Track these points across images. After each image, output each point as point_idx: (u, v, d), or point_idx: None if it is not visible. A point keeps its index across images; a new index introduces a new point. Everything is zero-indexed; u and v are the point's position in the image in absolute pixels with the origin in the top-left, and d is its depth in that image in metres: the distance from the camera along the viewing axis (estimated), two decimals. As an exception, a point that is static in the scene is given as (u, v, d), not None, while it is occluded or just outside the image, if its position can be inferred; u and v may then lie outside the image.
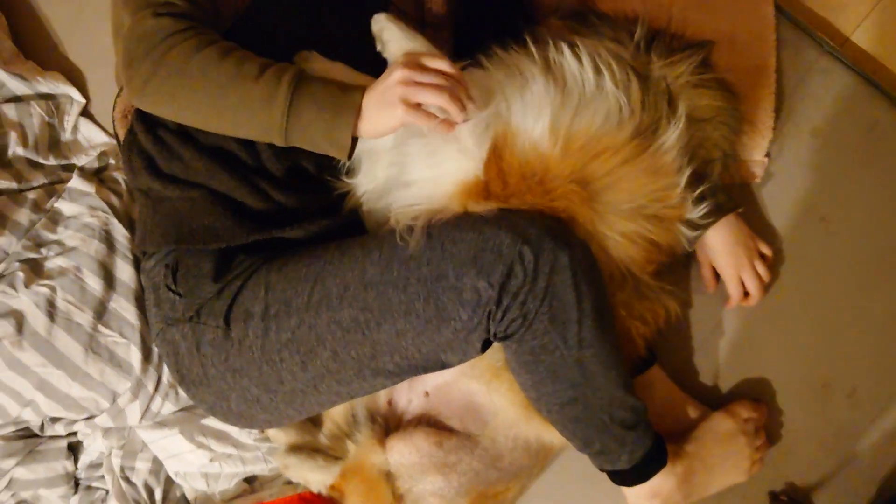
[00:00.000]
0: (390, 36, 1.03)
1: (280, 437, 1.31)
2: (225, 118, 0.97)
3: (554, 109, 1.00)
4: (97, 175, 1.37)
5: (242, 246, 1.05)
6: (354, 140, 0.97)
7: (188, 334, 1.04)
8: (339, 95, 0.95)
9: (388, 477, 1.20)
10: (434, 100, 0.93)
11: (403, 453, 1.18)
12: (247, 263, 1.05)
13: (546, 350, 0.98)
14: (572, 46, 1.04)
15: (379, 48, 1.05)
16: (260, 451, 1.32)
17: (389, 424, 1.24)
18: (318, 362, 1.00)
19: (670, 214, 1.07)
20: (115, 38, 1.03)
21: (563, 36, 1.09)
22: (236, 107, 0.95)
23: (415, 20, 1.20)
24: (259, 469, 1.33)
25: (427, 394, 1.21)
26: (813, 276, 1.27)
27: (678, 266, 1.26)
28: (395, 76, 0.94)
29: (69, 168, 1.37)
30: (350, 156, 0.98)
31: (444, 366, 1.03)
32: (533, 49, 1.06)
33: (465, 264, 0.95)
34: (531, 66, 1.04)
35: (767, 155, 1.27)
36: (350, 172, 1.09)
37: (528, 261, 0.94)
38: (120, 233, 1.29)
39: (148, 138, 1.08)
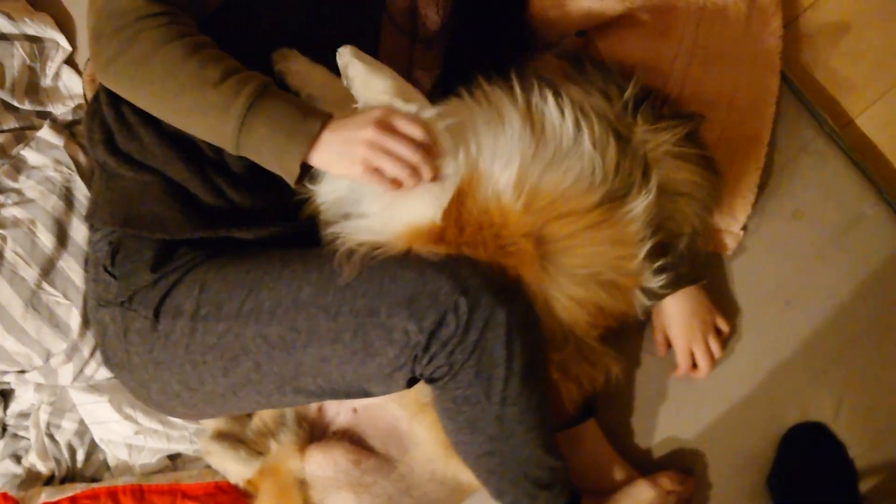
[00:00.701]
0: (355, 73, 0.97)
1: (209, 421, 1.30)
2: (180, 116, 0.94)
3: (524, 159, 0.97)
4: (69, 128, 1.34)
5: (188, 239, 1.03)
6: (305, 167, 0.94)
7: (118, 318, 1.03)
8: (298, 121, 0.92)
9: (302, 485, 1.19)
10: (395, 171, 0.91)
11: (321, 465, 1.17)
12: (188, 258, 1.03)
13: (468, 402, 0.97)
14: (557, 95, 1.01)
15: (345, 83, 0.99)
16: (187, 430, 1.32)
17: (315, 431, 1.24)
18: (240, 371, 0.99)
19: (626, 282, 1.04)
20: (90, 4, 1.00)
21: (552, 78, 1.05)
22: (191, 109, 0.93)
23: (408, 34, 1.16)
24: (184, 448, 1.33)
25: (355, 410, 1.20)
26: (767, 359, 1.24)
27: (634, 324, 1.23)
28: (363, 134, 0.91)
29: (44, 115, 1.35)
30: (299, 181, 0.95)
31: (367, 394, 1.02)
32: (517, 89, 1.02)
33: (399, 304, 0.93)
34: (511, 107, 1.01)
35: (744, 228, 1.24)
36: (312, 179, 1.06)
37: (462, 312, 0.92)
38: (81, 192, 1.26)
39: (111, 112, 1.06)
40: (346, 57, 0.97)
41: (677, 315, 1.18)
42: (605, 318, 1.06)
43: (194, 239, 1.03)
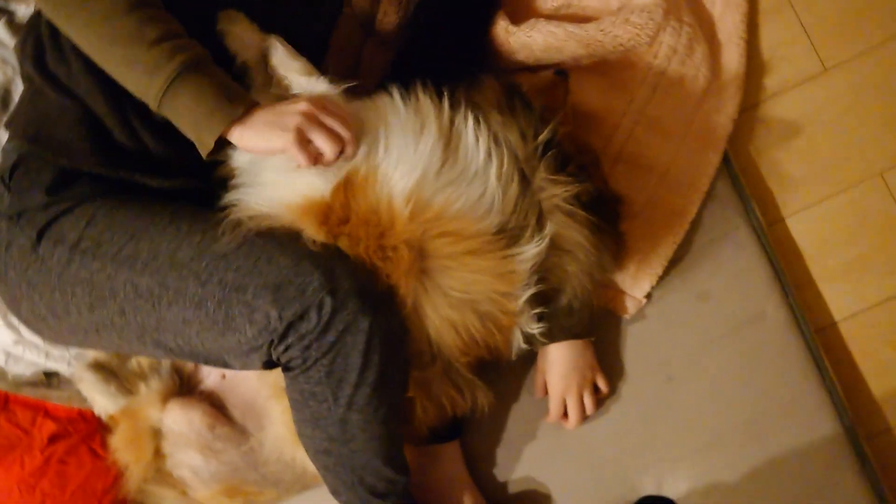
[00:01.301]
0: (276, 55, 1.02)
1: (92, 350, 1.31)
2: (107, 63, 0.95)
3: (427, 173, 0.98)
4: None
5: (90, 173, 1.03)
6: (220, 143, 0.96)
7: (3, 230, 1.03)
8: (222, 101, 0.94)
9: (156, 434, 1.21)
10: (326, 145, 0.95)
11: (177, 420, 1.19)
12: (86, 190, 1.03)
13: (315, 398, 0.98)
14: (477, 121, 1.01)
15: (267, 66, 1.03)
16: (68, 353, 1.33)
17: (184, 386, 1.25)
18: (105, 312, 1.00)
19: (504, 320, 1.05)
20: None
21: (481, 102, 1.05)
22: (120, 61, 0.94)
23: (364, 26, 1.16)
24: (61, 368, 1.34)
25: (224, 377, 1.21)
26: (637, 426, 1.26)
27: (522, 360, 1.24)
28: (299, 105, 0.95)
29: (4, 11, 1.34)
30: (210, 154, 0.97)
31: (226, 366, 1.03)
32: (445, 105, 1.03)
33: (266, 287, 0.93)
34: (433, 121, 1.01)
35: (648, 296, 1.25)
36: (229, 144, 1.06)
37: (325, 311, 0.93)
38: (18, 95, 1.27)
39: (48, 30, 1.05)
40: (270, 41, 0.99)
41: (558, 364, 1.19)
42: (478, 348, 1.06)
43: (96, 174, 1.03)
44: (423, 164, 0.98)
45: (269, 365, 0.99)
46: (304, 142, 0.94)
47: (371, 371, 0.96)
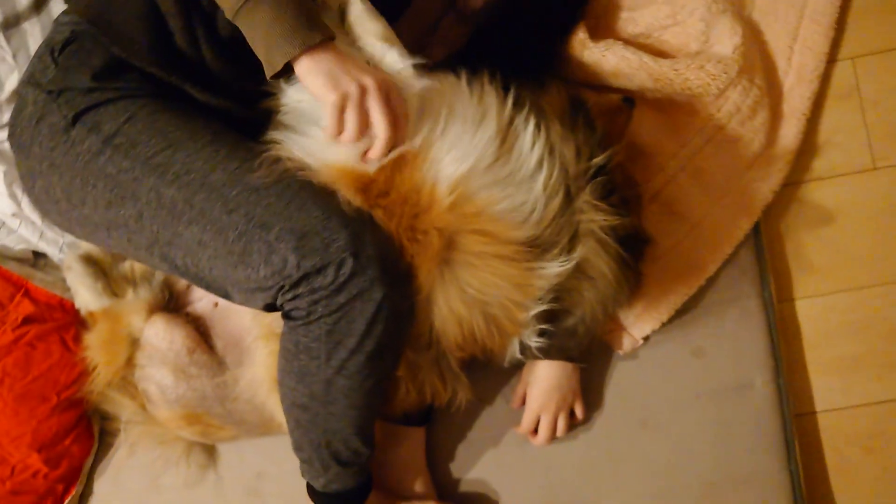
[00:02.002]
0: (354, 10, 1.00)
1: (86, 243, 1.29)
2: None
3: (477, 165, 0.97)
4: None
5: (142, 70, 1.00)
6: (288, 67, 0.93)
7: (39, 103, 1.00)
8: (303, 23, 0.90)
9: (133, 343, 1.19)
10: (353, 131, 0.92)
11: (158, 334, 1.17)
12: (133, 85, 1.00)
13: (308, 352, 0.97)
14: (538, 127, 1.00)
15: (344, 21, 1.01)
16: (63, 239, 1.30)
17: (172, 302, 1.23)
18: (122, 212, 0.98)
19: (508, 327, 1.05)
20: None
21: (544, 107, 1.04)
22: None
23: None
24: (51, 252, 1.32)
25: (216, 305, 1.20)
26: (601, 461, 1.26)
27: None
28: (364, 78, 0.91)
29: None
30: (275, 77, 0.94)
31: (227, 297, 1.01)
32: (509, 102, 1.02)
33: (292, 232, 0.92)
34: (494, 115, 1.00)
35: (646, 338, 1.25)
36: (289, 79, 1.04)
37: (343, 271, 0.92)
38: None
39: None
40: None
41: (543, 380, 1.19)
42: (474, 347, 1.06)
43: (148, 72, 1.00)
44: (475, 156, 0.97)
45: (271, 308, 0.98)
46: (340, 110, 0.91)
47: (370, 341, 0.95)
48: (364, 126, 0.92)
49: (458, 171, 0.97)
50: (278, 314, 0.99)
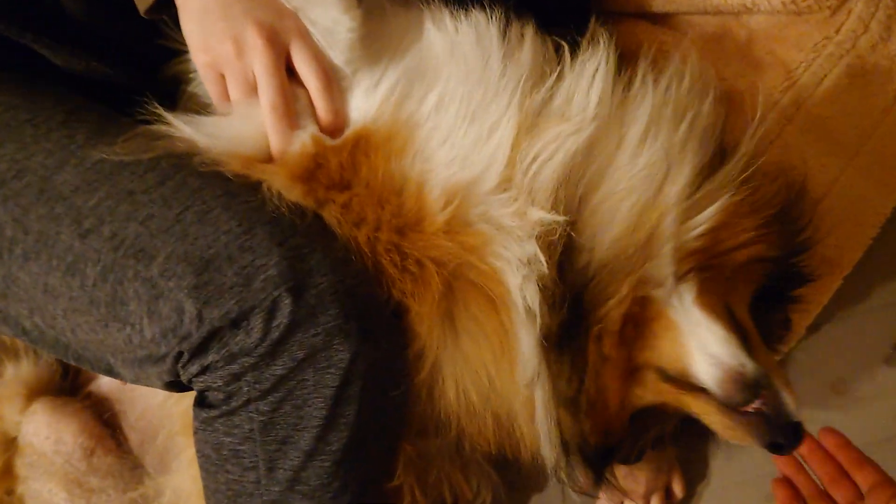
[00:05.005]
0: None
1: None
2: None
3: (488, 171, 0.60)
4: None
5: None
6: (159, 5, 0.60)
7: None
8: None
9: (10, 444, 0.81)
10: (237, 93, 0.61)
11: (40, 433, 0.79)
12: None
13: (237, 461, 0.58)
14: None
15: None
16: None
17: (69, 379, 0.85)
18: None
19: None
20: None
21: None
22: None
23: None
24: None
25: (125, 381, 0.82)
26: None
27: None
28: (251, 32, 0.60)
29: None
30: (151, 12, 0.62)
31: (112, 372, 0.63)
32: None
33: (187, 261, 0.55)
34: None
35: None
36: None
37: (279, 321, 0.54)
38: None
39: None
40: None
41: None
42: (499, 437, 0.67)
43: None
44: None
45: (176, 387, 0.60)
46: (218, 75, 0.62)
47: (338, 433, 0.57)
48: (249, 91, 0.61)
49: (459, 176, 0.60)
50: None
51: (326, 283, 0.55)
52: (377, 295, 0.59)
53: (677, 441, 0.82)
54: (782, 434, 0.61)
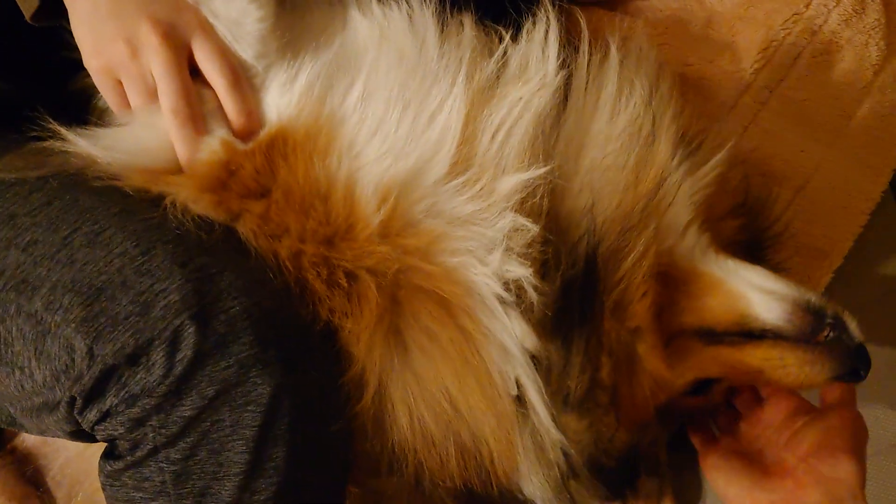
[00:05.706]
0: None
1: None
2: None
3: (428, 164, 0.55)
4: None
5: None
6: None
7: None
8: None
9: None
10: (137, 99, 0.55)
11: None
12: None
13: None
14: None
15: None
16: None
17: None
18: None
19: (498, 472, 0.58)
20: None
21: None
22: None
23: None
24: None
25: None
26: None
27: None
28: (148, 31, 0.54)
29: None
30: (39, 17, 0.56)
31: (16, 425, 0.56)
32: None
33: (74, 291, 0.47)
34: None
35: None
36: None
37: (183, 354, 0.47)
38: None
39: None
40: None
41: None
42: (463, 471, 0.59)
43: None
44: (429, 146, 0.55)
45: (83, 437, 0.53)
46: (116, 82, 0.56)
47: (266, 479, 0.49)
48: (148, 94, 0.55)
49: (394, 170, 0.53)
50: None
51: (238, 306, 0.48)
52: (301, 317, 0.51)
53: (671, 464, 0.75)
54: (858, 357, 0.57)
